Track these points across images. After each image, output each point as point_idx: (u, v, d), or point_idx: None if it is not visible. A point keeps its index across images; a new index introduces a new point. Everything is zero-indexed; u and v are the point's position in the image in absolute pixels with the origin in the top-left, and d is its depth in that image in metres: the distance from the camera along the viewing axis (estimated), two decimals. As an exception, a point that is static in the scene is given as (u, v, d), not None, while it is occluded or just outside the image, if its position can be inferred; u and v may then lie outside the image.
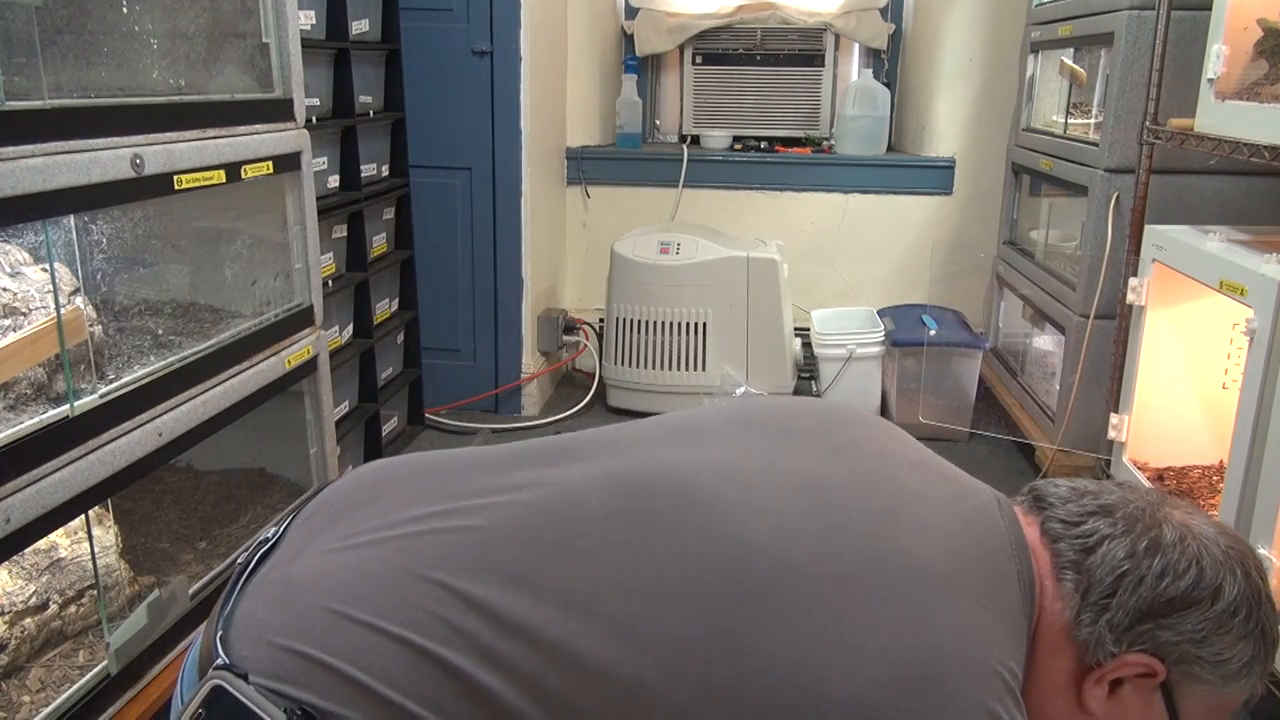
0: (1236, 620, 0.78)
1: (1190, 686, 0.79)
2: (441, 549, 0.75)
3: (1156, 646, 0.78)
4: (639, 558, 0.73)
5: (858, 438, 0.89)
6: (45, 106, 1.22)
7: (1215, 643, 0.78)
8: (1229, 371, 2.04)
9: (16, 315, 1.27)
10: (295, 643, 0.70)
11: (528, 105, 2.85)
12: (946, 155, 3.28)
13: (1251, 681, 0.80)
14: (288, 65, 1.73)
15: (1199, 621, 0.77)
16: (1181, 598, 0.77)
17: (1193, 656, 0.78)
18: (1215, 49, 1.78)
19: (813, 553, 0.74)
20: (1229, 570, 0.80)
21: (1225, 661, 0.78)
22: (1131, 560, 0.79)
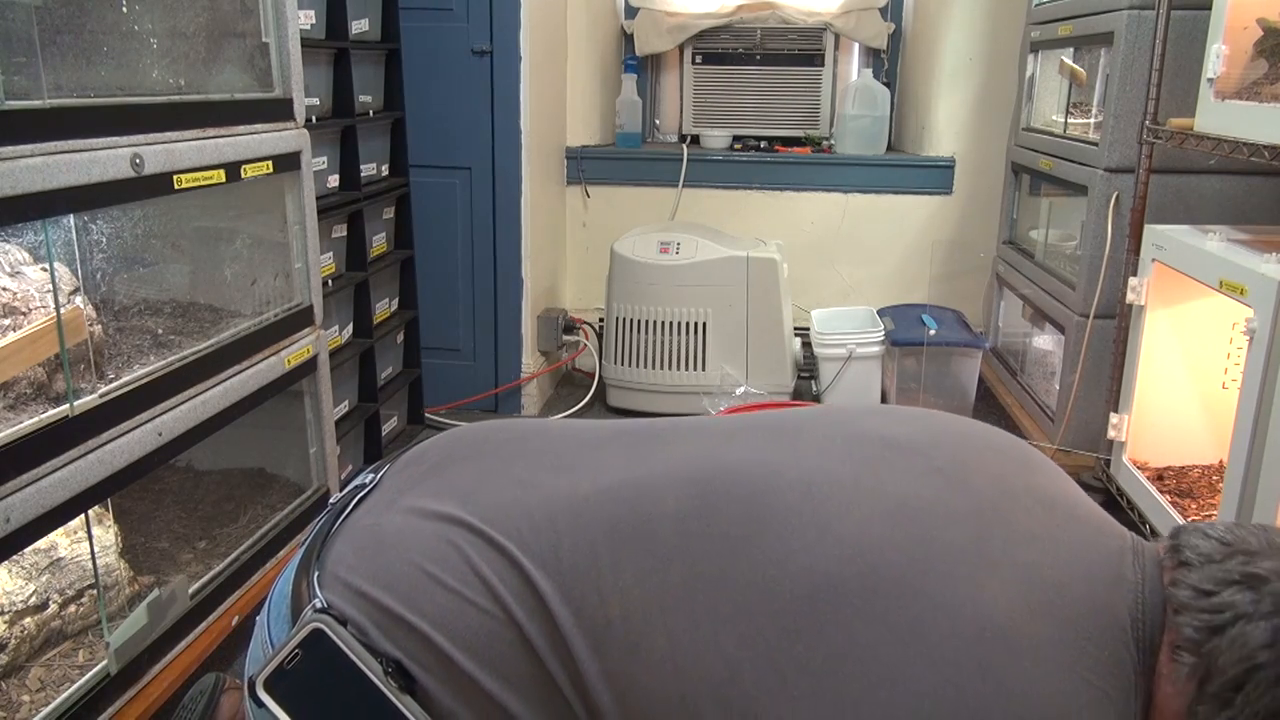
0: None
1: None
2: (523, 527, 0.73)
3: None
4: (701, 573, 0.68)
5: (971, 458, 0.77)
6: (45, 106, 1.22)
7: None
8: (1229, 371, 2.04)
9: (16, 315, 1.27)
10: (386, 597, 0.70)
11: (528, 105, 2.85)
12: (946, 155, 3.28)
13: None
14: (287, 65, 1.73)
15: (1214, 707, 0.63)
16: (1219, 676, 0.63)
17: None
18: (1215, 49, 1.78)
19: (882, 591, 0.65)
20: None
21: None
22: (1271, 651, 0.63)
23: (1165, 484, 2.04)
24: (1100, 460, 2.28)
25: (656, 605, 0.68)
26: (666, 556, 0.69)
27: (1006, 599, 0.64)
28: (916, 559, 0.66)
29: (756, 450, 0.77)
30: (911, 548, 0.67)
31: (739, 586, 0.67)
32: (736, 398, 2.83)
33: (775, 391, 2.95)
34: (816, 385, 3.05)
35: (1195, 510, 1.91)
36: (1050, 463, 0.84)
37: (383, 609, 0.70)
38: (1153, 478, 2.06)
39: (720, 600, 0.67)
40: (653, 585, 0.68)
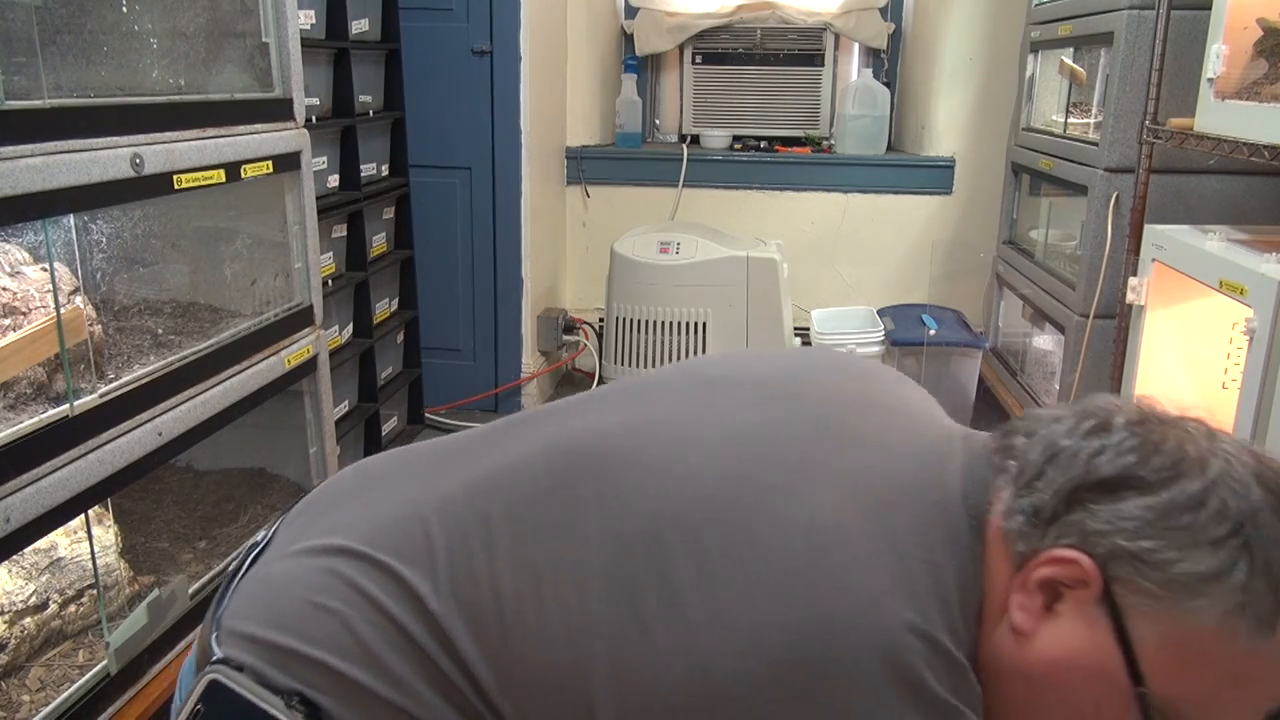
0: (1198, 517, 0.60)
1: (1139, 604, 0.60)
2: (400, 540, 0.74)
3: (1084, 538, 0.61)
4: (561, 541, 0.69)
5: (808, 381, 0.78)
6: (45, 106, 1.22)
7: (1157, 538, 0.60)
8: (1229, 371, 2.04)
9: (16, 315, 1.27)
10: (277, 636, 0.71)
11: (528, 105, 2.86)
12: (946, 155, 3.28)
13: (1226, 607, 0.59)
14: (287, 65, 1.73)
15: (1138, 507, 0.61)
16: (1118, 477, 0.62)
17: (1126, 553, 0.60)
18: (1215, 48, 1.78)
19: (721, 520, 0.64)
20: (1216, 469, 0.61)
21: (1168, 564, 0.59)
22: (1070, 438, 0.65)
23: (1165, 484, 2.04)
24: (1100, 460, 2.28)
25: (526, 579, 0.68)
26: (528, 532, 0.70)
27: (835, 503, 0.64)
28: (749, 483, 0.66)
29: (608, 414, 0.78)
30: (743, 473, 0.67)
31: (596, 546, 0.67)
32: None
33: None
34: (816, 385, 3.05)
35: (1195, 510, 1.91)
36: (903, 379, 0.85)
37: (276, 647, 0.71)
38: (1153, 478, 2.05)
39: (582, 564, 0.67)
40: (520, 561, 0.69)
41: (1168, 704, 0.61)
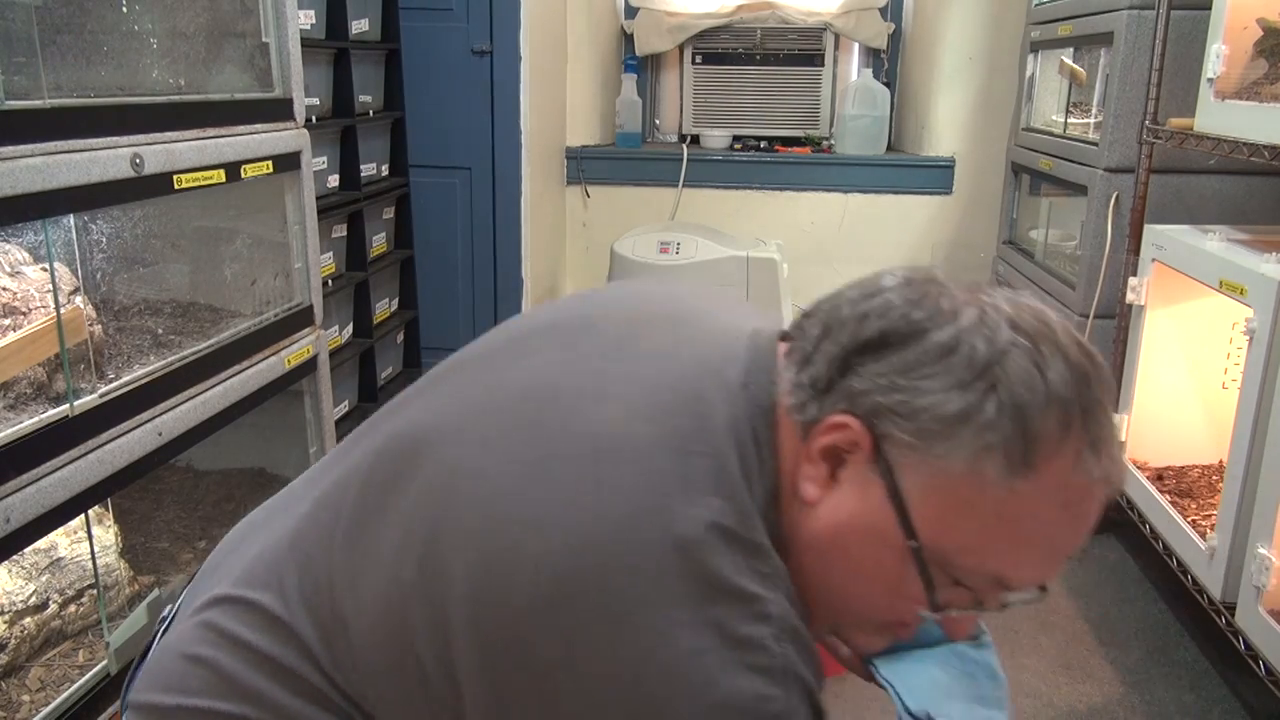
0: (948, 363, 0.60)
1: (903, 458, 0.60)
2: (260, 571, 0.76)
3: (852, 400, 0.62)
4: (367, 529, 0.70)
5: (610, 305, 0.78)
6: (45, 106, 1.22)
7: (910, 389, 0.60)
8: (1229, 371, 2.04)
9: (16, 315, 1.27)
10: (160, 696, 0.74)
11: (528, 105, 2.85)
12: (946, 155, 3.28)
13: (975, 449, 0.59)
14: (287, 65, 1.73)
15: (893, 362, 0.61)
16: (879, 337, 0.62)
17: (884, 408, 0.60)
18: (1215, 48, 1.78)
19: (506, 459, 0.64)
20: (969, 317, 0.62)
21: (918, 413, 0.59)
22: (846, 305, 0.65)
23: (1165, 484, 2.04)
24: (1100, 460, 2.28)
25: (352, 572, 0.69)
26: (355, 528, 0.71)
27: (619, 414, 0.64)
28: (540, 425, 0.65)
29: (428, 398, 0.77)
30: (536, 416, 0.66)
31: (396, 522, 0.67)
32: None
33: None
34: (816, 385, 3.05)
35: (1195, 510, 1.91)
36: (718, 293, 0.83)
37: (159, 708, 0.73)
38: (1152, 478, 2.06)
39: (386, 541, 0.67)
40: (350, 558, 0.70)
41: (941, 556, 0.61)
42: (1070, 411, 0.59)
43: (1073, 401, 0.60)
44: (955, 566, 0.62)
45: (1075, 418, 0.60)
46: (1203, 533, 1.77)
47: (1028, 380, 0.59)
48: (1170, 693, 1.78)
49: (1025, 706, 1.75)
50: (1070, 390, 0.60)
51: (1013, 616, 2.01)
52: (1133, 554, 2.26)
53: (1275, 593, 1.53)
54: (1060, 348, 0.61)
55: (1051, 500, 0.60)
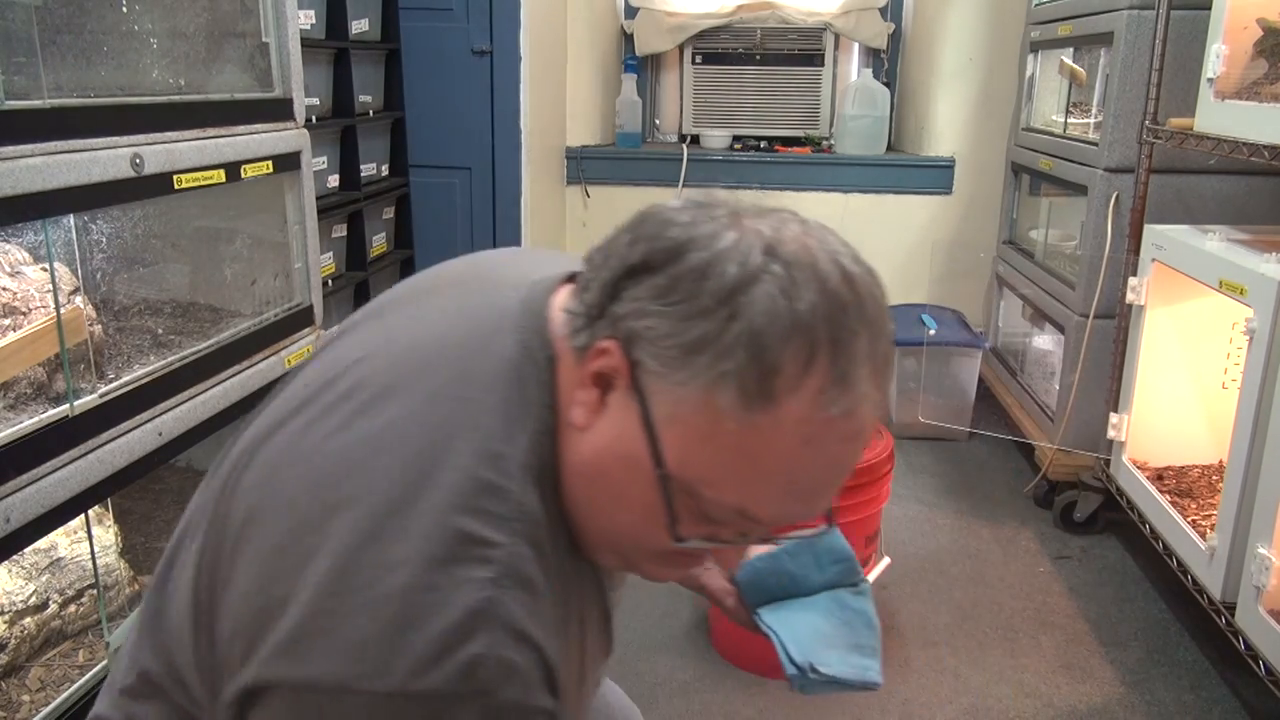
0: (697, 288, 0.57)
1: (652, 383, 0.59)
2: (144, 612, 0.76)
3: (614, 325, 0.60)
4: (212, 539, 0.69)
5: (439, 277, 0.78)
6: (45, 106, 1.22)
7: (658, 315, 0.58)
8: (1229, 371, 2.04)
9: (16, 315, 1.27)
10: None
11: (528, 105, 2.85)
12: (946, 155, 3.28)
13: (710, 378, 0.56)
14: (287, 65, 1.73)
15: (648, 287, 0.59)
16: (642, 262, 0.60)
17: (636, 333, 0.59)
18: (1215, 48, 1.78)
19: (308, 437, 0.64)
20: (726, 241, 0.59)
21: (664, 338, 0.58)
22: (626, 232, 0.63)
23: (1165, 484, 2.04)
24: (1100, 460, 2.28)
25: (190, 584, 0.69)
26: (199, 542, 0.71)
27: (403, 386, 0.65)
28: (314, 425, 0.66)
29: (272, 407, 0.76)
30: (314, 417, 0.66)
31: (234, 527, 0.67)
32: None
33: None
34: (816, 385, 3.05)
35: (1195, 510, 1.91)
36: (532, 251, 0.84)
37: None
38: (1152, 477, 2.06)
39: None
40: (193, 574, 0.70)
41: (688, 486, 0.60)
42: (816, 343, 0.56)
43: (819, 333, 0.56)
44: (700, 498, 0.60)
45: (822, 350, 0.56)
46: (1203, 533, 1.77)
47: (770, 309, 0.56)
48: (1170, 693, 1.78)
49: (1025, 706, 1.75)
50: (819, 320, 0.57)
51: (1013, 616, 2.01)
52: (1133, 554, 2.26)
53: (1275, 593, 1.53)
54: (819, 275, 0.58)
55: (791, 435, 0.57)
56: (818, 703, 1.74)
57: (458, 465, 0.60)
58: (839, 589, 0.97)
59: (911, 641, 1.93)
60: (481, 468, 0.60)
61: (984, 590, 2.11)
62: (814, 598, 0.96)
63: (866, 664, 0.90)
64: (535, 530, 0.61)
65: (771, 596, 0.96)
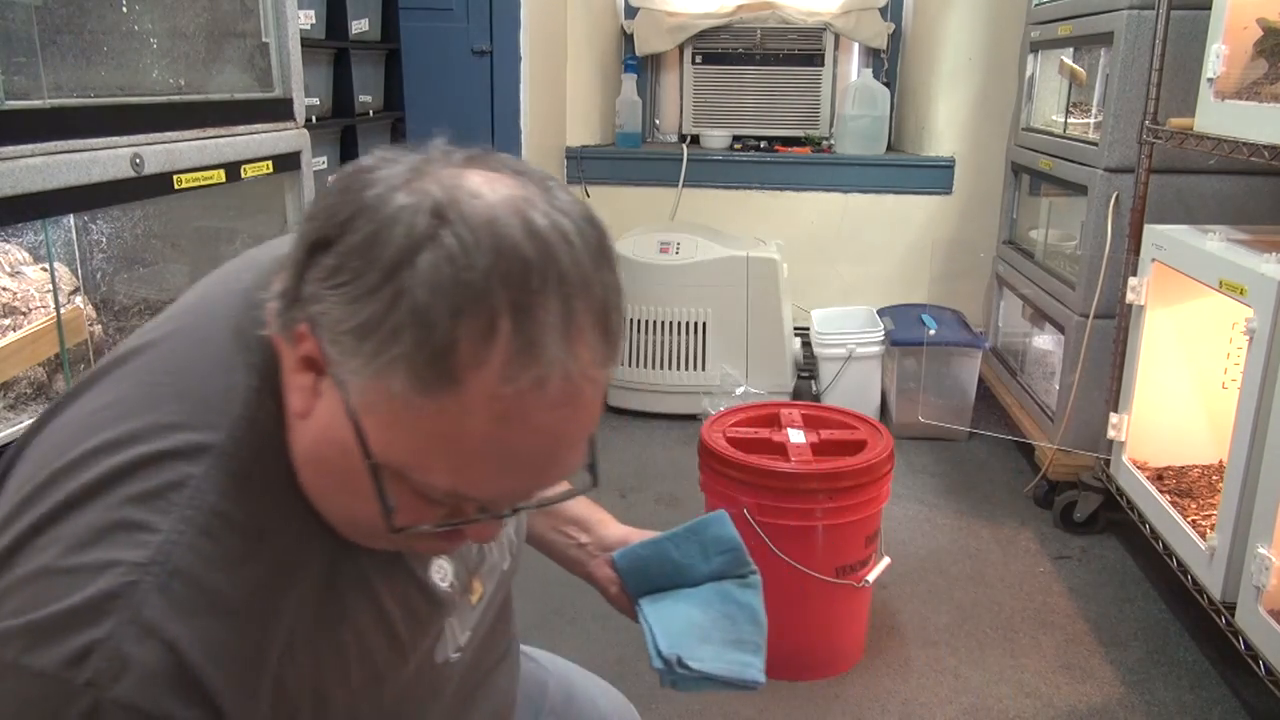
0: (361, 263, 0.52)
1: (338, 369, 0.54)
2: None
3: (304, 307, 0.56)
4: None
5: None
6: (45, 106, 1.22)
7: (327, 296, 0.53)
8: (1229, 371, 2.04)
9: (16, 315, 1.27)
10: None
11: (528, 105, 2.85)
12: (946, 155, 3.28)
13: (382, 362, 0.52)
14: (287, 65, 1.73)
15: (322, 268, 0.54)
16: (318, 240, 0.55)
17: (315, 318, 0.54)
18: (1215, 48, 1.78)
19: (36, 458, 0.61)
20: (393, 206, 0.53)
21: (336, 324, 0.53)
22: (311, 205, 0.58)
23: (1165, 484, 2.04)
24: (1100, 460, 2.28)
25: None
26: None
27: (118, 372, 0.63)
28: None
29: None
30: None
31: None
32: (736, 397, 2.83)
33: (775, 391, 2.95)
34: (816, 385, 3.05)
35: (1195, 510, 1.91)
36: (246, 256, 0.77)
37: None
38: (1152, 478, 2.06)
39: None
40: None
41: (398, 472, 0.55)
42: (494, 312, 0.51)
43: (497, 300, 0.51)
44: (413, 482, 0.56)
45: (502, 319, 0.51)
46: (1203, 533, 1.77)
47: (434, 280, 0.51)
48: (1170, 693, 1.78)
49: (1025, 706, 1.75)
50: (495, 286, 0.51)
51: (1013, 616, 2.01)
52: (1133, 554, 2.26)
53: (1275, 593, 1.53)
54: (495, 234, 0.52)
55: (484, 413, 0.52)
56: (818, 703, 1.74)
57: (134, 453, 0.57)
58: (726, 581, 0.92)
59: (911, 641, 1.93)
60: (160, 454, 0.57)
61: (984, 590, 2.11)
62: (698, 589, 0.92)
63: (747, 660, 0.87)
64: (214, 521, 0.57)
65: (655, 586, 0.92)
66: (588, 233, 0.56)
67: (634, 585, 0.92)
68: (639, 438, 2.92)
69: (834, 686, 1.80)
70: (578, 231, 0.55)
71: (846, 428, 1.90)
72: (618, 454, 2.80)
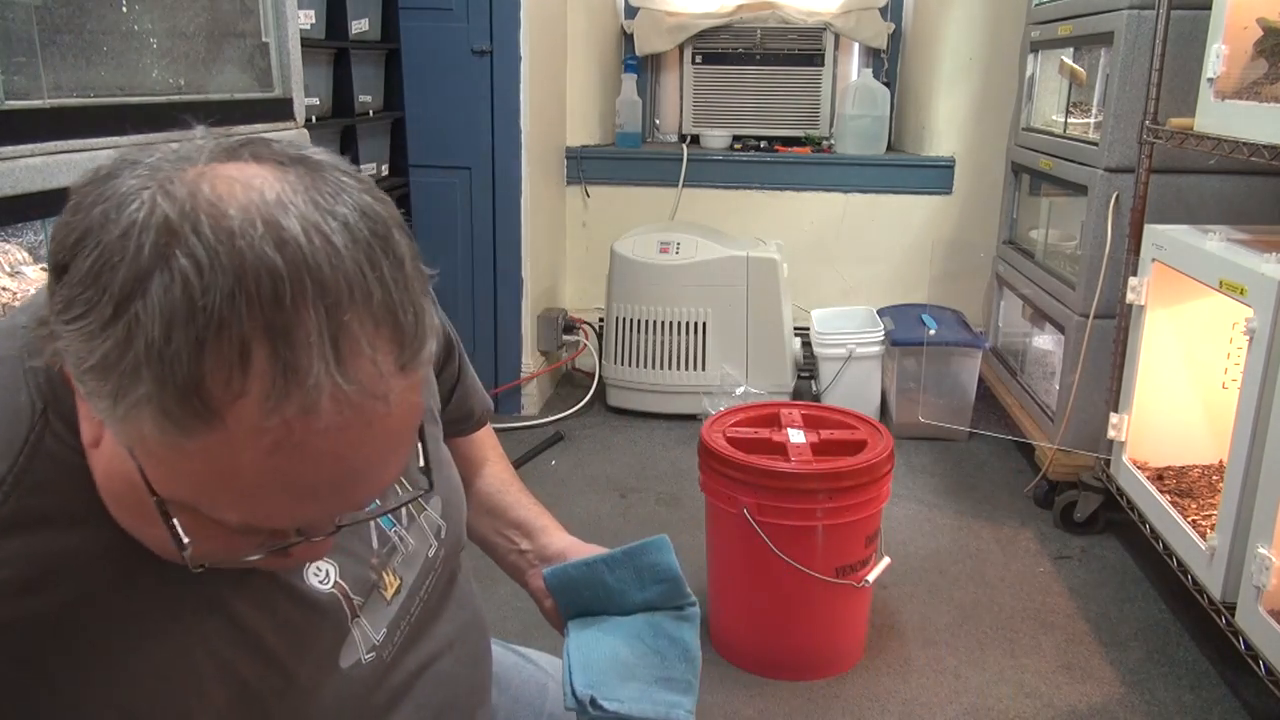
0: (91, 293, 0.47)
1: (94, 404, 0.49)
2: None
3: (55, 342, 0.51)
4: None
5: None
6: (45, 106, 1.22)
7: (64, 332, 0.48)
8: (1229, 371, 2.04)
9: (16, 315, 1.27)
10: None
11: (528, 105, 2.85)
12: (946, 155, 3.28)
13: (128, 404, 0.47)
14: (287, 65, 1.73)
15: (59, 299, 0.49)
16: (54, 264, 0.49)
17: (63, 351, 0.49)
18: (1215, 48, 1.78)
19: None
20: (118, 229, 0.47)
21: (79, 362, 0.48)
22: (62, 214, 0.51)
23: (1165, 484, 2.04)
24: (1100, 460, 2.28)
25: None
26: None
27: None
28: None
29: None
30: None
31: None
32: (736, 397, 2.83)
33: (775, 391, 2.95)
34: (816, 385, 3.05)
35: (1195, 510, 1.91)
36: None
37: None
38: (1152, 477, 2.06)
39: None
40: None
41: (187, 508, 0.51)
42: (245, 340, 0.45)
43: (248, 326, 0.45)
44: (205, 518, 0.51)
45: (256, 346, 0.46)
46: (1203, 533, 1.77)
47: (169, 312, 0.45)
48: (1170, 693, 1.78)
49: (1025, 706, 1.75)
50: (241, 309, 0.45)
51: (1013, 616, 2.01)
52: (1133, 554, 2.26)
53: (1275, 593, 1.53)
54: (238, 249, 0.46)
55: (253, 447, 0.47)
56: (818, 703, 1.74)
57: None
58: (660, 612, 0.87)
59: (911, 641, 1.93)
60: None
61: (984, 590, 2.11)
62: (628, 619, 0.86)
63: (674, 700, 0.81)
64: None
65: (586, 608, 0.87)
66: (359, 228, 0.49)
67: (564, 604, 0.88)
68: (639, 438, 2.92)
69: (834, 686, 1.80)
70: (344, 228, 0.49)
71: (846, 428, 1.90)
72: (618, 454, 2.80)
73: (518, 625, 1.78)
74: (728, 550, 1.82)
